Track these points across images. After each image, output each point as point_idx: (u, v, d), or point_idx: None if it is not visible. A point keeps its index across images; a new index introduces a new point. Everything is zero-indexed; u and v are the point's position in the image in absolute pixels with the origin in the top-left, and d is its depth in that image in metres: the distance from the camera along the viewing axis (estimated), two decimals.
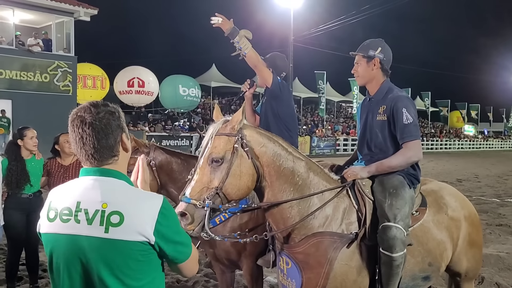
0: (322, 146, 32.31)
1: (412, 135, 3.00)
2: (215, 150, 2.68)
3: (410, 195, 3.02)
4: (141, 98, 26.62)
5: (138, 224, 1.61)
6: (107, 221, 1.60)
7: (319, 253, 2.80)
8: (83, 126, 1.66)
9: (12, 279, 4.95)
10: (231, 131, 2.72)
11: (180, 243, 1.71)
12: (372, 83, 3.22)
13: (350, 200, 2.98)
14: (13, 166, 4.77)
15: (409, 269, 3.01)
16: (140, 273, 1.65)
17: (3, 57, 19.93)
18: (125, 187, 1.70)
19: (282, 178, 2.82)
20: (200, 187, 2.63)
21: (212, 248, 3.77)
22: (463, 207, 3.42)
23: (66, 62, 21.84)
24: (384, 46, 3.19)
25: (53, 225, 1.68)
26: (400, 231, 2.84)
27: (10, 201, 4.83)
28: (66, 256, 1.65)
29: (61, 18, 22.14)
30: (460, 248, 3.33)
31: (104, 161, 1.70)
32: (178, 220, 1.75)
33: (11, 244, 4.93)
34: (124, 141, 1.75)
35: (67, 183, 1.77)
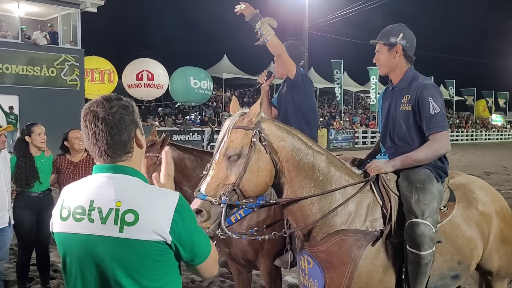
0: (340, 139, 32.10)
1: (440, 126, 2.95)
2: (232, 145, 2.65)
3: (438, 190, 2.97)
4: (151, 91, 26.72)
5: (153, 223, 1.60)
6: (121, 220, 1.60)
7: (343, 252, 2.78)
8: (95, 121, 1.66)
9: (23, 280, 5.03)
10: (249, 124, 2.70)
11: (198, 242, 1.70)
12: (395, 71, 3.16)
13: (374, 195, 2.95)
14: (21, 162, 4.83)
15: (437, 268, 2.98)
16: (157, 274, 1.65)
17: (9, 51, 20.13)
18: (139, 185, 1.70)
19: (302, 173, 2.79)
20: (216, 183, 2.61)
21: (228, 248, 3.78)
22: (494, 201, 3.36)
23: (73, 56, 21.99)
24: (407, 32, 3.13)
25: (66, 224, 1.69)
26: (429, 227, 2.81)
27: (20, 200, 4.90)
28: (79, 256, 1.66)
29: (67, 10, 22.30)
30: (491, 245, 3.28)
31: (117, 158, 1.70)
32: (196, 218, 1.74)
33: (21, 244, 5.00)
34: (138, 137, 1.74)
35: (80, 181, 1.77)
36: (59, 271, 5.66)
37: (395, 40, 3.10)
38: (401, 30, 3.14)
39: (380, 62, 3.19)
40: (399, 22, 3.28)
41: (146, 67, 26.50)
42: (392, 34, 3.12)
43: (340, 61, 34.09)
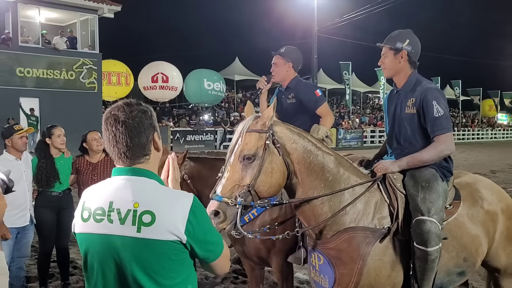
0: (349, 138, 32.00)
1: (444, 128, 2.95)
2: (246, 147, 2.65)
3: (443, 188, 2.98)
4: (165, 93, 26.86)
5: (169, 223, 1.62)
6: (139, 220, 1.62)
7: (352, 249, 2.79)
8: (116, 124, 1.68)
9: (44, 276, 5.06)
10: (262, 128, 2.69)
11: (211, 241, 1.72)
12: (399, 75, 3.17)
13: (381, 194, 2.96)
14: (42, 163, 4.86)
15: (443, 264, 2.98)
16: (173, 272, 1.67)
17: (30, 56, 20.39)
18: (156, 187, 1.71)
19: (313, 174, 2.80)
20: (232, 184, 2.61)
21: (241, 246, 3.78)
22: (500, 200, 3.34)
23: (91, 59, 22.22)
24: (413, 38, 3.13)
25: (87, 225, 1.71)
26: (435, 224, 2.81)
27: (41, 199, 4.93)
28: (100, 255, 1.68)
29: (85, 16, 22.53)
30: (497, 242, 3.26)
31: (136, 160, 1.72)
32: (209, 219, 1.75)
33: (42, 242, 5.03)
34: (155, 140, 1.77)
35: (100, 183, 1.79)
36: (78, 267, 5.70)
37: (401, 45, 3.10)
38: (408, 36, 3.13)
39: (385, 66, 3.20)
40: (405, 25, 3.29)
41: (161, 70, 26.64)
42: (398, 40, 3.12)
43: (348, 63, 33.97)
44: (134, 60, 28.73)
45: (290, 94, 4.18)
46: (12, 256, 4.54)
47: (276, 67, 4.18)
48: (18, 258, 4.68)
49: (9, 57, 19.77)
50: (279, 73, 4.17)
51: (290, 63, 4.18)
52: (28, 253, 4.88)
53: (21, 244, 4.69)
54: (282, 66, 4.16)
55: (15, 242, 4.61)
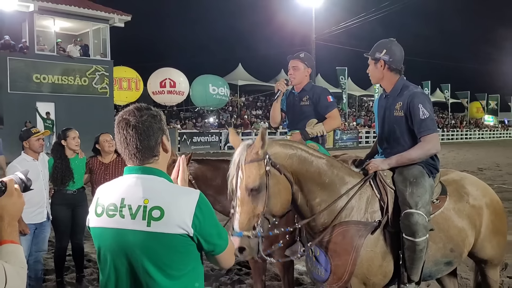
0: (345, 138, 32.04)
1: (430, 129, 2.99)
2: (250, 180, 2.58)
3: (429, 184, 3.02)
4: (173, 97, 26.87)
5: (177, 218, 1.63)
6: (149, 215, 1.63)
7: (346, 241, 2.82)
8: (127, 128, 1.70)
9: (60, 269, 5.08)
10: (258, 156, 2.62)
11: (217, 235, 1.72)
12: (383, 81, 3.22)
13: (372, 190, 2.99)
14: (58, 164, 4.88)
15: (431, 255, 3.01)
16: (181, 263, 1.68)
17: (46, 63, 20.45)
18: (165, 184, 1.73)
19: (310, 180, 2.81)
20: (247, 217, 2.56)
21: None
22: (484, 195, 3.37)
23: (103, 66, 22.26)
24: (391, 47, 3.14)
25: (101, 220, 1.72)
26: (422, 217, 2.85)
27: (57, 197, 4.95)
28: (112, 248, 1.69)
29: (97, 25, 22.58)
30: (483, 235, 3.29)
31: (145, 160, 1.73)
32: (214, 214, 1.75)
33: (58, 237, 5.04)
34: (164, 143, 1.77)
35: (112, 181, 1.81)
36: (92, 261, 5.72)
37: (379, 55, 3.15)
38: (386, 46, 3.16)
39: (370, 74, 3.27)
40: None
41: (169, 76, 26.65)
42: (377, 50, 3.17)
43: (344, 68, 33.97)
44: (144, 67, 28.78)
45: (305, 96, 4.13)
46: (30, 250, 4.55)
47: (296, 71, 4.12)
48: (36, 252, 4.69)
49: (26, 64, 19.82)
50: (298, 76, 4.12)
51: (310, 69, 4.17)
52: (45, 247, 4.89)
53: (38, 239, 4.70)
54: (302, 71, 4.13)
55: (33, 237, 4.62)
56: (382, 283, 2.98)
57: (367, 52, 3.26)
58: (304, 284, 4.95)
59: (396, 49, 3.16)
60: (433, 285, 4.58)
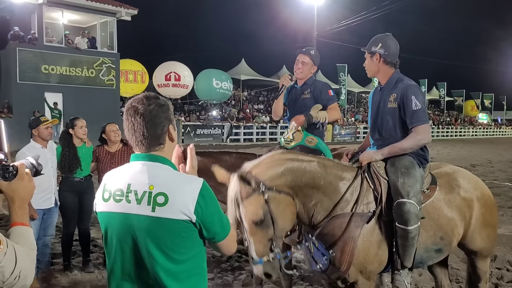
0: (343, 133, 32.06)
1: (421, 120, 3.02)
2: (253, 215, 2.53)
3: (420, 174, 3.04)
4: (177, 90, 26.81)
5: (181, 204, 1.64)
6: (153, 201, 1.65)
7: (344, 232, 2.82)
8: (135, 115, 1.71)
9: (67, 253, 5.12)
10: (253, 190, 2.54)
11: (218, 223, 1.73)
12: (379, 75, 3.24)
13: (366, 181, 2.99)
14: (66, 152, 4.90)
15: (422, 242, 3.03)
16: (184, 248, 1.69)
17: (54, 54, 20.40)
18: (169, 171, 1.74)
19: (305, 186, 2.77)
20: (262, 245, 2.55)
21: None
22: (475, 188, 3.38)
23: (110, 59, 22.19)
24: (386, 41, 3.16)
25: (108, 204, 1.74)
26: (414, 206, 2.87)
27: (64, 184, 4.97)
28: (118, 231, 1.71)
29: (104, 18, 22.47)
30: (473, 227, 3.30)
31: (151, 148, 1.74)
32: (217, 202, 1.76)
33: (65, 222, 5.07)
34: (170, 132, 1.78)
35: (119, 168, 1.82)
36: (98, 246, 5.76)
37: (375, 49, 3.17)
38: (381, 40, 3.18)
39: (366, 67, 3.29)
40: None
41: (174, 69, 26.58)
42: (373, 44, 3.19)
43: (344, 65, 33.88)
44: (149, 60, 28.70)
45: (307, 90, 4.14)
46: (38, 235, 4.58)
47: (304, 66, 4.10)
48: (44, 236, 4.73)
49: (35, 56, 19.77)
50: (305, 72, 4.11)
51: (316, 66, 4.16)
52: (53, 232, 4.93)
53: (46, 224, 4.74)
54: (309, 67, 4.12)
55: (41, 222, 4.66)
56: (378, 271, 3.01)
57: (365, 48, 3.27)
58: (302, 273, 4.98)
59: (391, 43, 3.18)
60: (425, 274, 4.62)
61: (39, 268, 4.59)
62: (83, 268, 5.11)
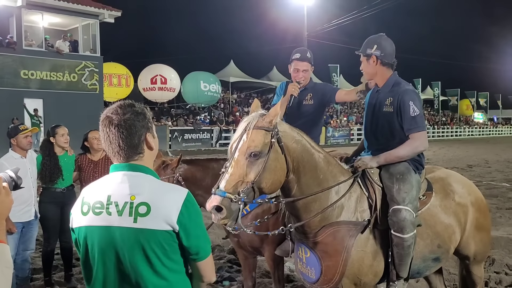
0: (337, 136, 32.15)
1: (419, 127, 3.00)
2: (253, 144, 2.53)
3: (416, 180, 3.03)
4: (164, 94, 26.78)
5: (163, 214, 1.63)
6: (135, 211, 1.64)
7: (337, 242, 2.80)
8: (109, 126, 1.70)
9: (48, 268, 5.04)
10: (269, 125, 2.58)
11: (201, 236, 1.72)
12: (376, 77, 3.22)
13: (361, 188, 2.98)
14: (46, 161, 4.84)
15: (419, 251, 3.02)
16: (169, 261, 1.68)
17: (34, 59, 20.25)
18: (152, 181, 1.73)
19: (308, 173, 2.78)
20: (235, 180, 2.48)
21: (236, 237, 3.80)
22: (470, 193, 3.41)
23: (93, 62, 22.09)
24: (381, 43, 3.14)
25: (87, 218, 1.72)
26: (410, 213, 2.85)
27: (45, 195, 4.91)
28: (100, 246, 1.69)
29: (87, 21, 22.38)
30: (468, 232, 3.32)
31: (129, 158, 1.73)
32: (201, 215, 1.74)
33: (47, 236, 5.01)
34: (148, 140, 1.77)
35: (98, 180, 1.80)
36: None
37: (370, 51, 3.14)
38: (376, 41, 3.15)
39: (363, 71, 3.27)
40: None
41: (160, 72, 26.55)
42: (368, 46, 3.17)
43: (336, 65, 34.08)
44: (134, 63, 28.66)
45: (308, 94, 4.06)
46: (17, 249, 4.51)
47: (306, 73, 4.02)
48: (24, 251, 4.65)
49: (13, 60, 19.61)
50: (307, 78, 4.06)
51: (313, 67, 4.11)
52: (33, 246, 4.85)
53: (26, 237, 4.66)
54: (309, 72, 4.06)
55: (21, 236, 4.58)
56: (373, 283, 2.97)
57: (358, 50, 3.25)
58: (295, 281, 4.97)
59: (386, 44, 3.15)
60: (422, 280, 4.62)
61: (18, 285, 4.51)
62: (65, 283, 5.04)
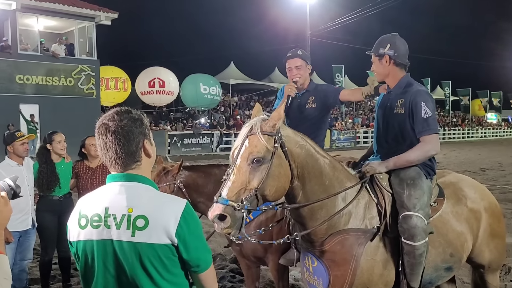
0: (342, 139, 32.01)
1: (431, 129, 2.96)
2: (255, 150, 2.51)
3: (427, 185, 3.00)
4: (162, 97, 26.84)
5: (161, 227, 1.65)
6: (133, 225, 1.65)
7: (345, 250, 2.78)
8: (106, 133, 1.71)
9: (46, 278, 5.07)
10: (272, 130, 2.57)
11: (201, 248, 1.73)
12: (388, 78, 3.20)
13: (369, 194, 2.96)
14: (43, 168, 4.87)
15: (431, 260, 2.99)
16: (169, 274, 1.69)
17: (29, 63, 20.37)
18: (149, 192, 1.74)
19: (314, 179, 2.76)
20: (238, 187, 2.47)
21: (239, 246, 3.80)
22: (482, 198, 3.37)
23: (89, 66, 22.20)
24: (395, 42, 3.13)
25: (85, 232, 1.73)
26: (421, 219, 2.83)
27: (42, 203, 4.93)
28: (99, 259, 1.70)
29: (83, 23, 22.52)
30: (481, 239, 3.29)
31: (127, 167, 1.74)
32: (200, 226, 1.75)
33: (44, 245, 5.03)
34: (146, 147, 1.78)
35: (95, 191, 1.81)
36: None
37: (383, 51, 3.12)
38: (389, 40, 3.14)
39: (375, 71, 3.24)
40: (395, 29, 3.31)
41: (158, 75, 26.63)
42: (381, 46, 3.15)
43: (340, 66, 34.08)
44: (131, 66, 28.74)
45: (310, 97, 4.02)
46: (14, 259, 4.55)
47: (300, 70, 3.98)
48: (21, 261, 4.69)
49: (8, 65, 19.73)
50: (303, 75, 4.01)
51: (310, 65, 4.08)
52: (30, 256, 4.89)
53: (23, 247, 4.70)
54: (305, 69, 4.02)
55: (18, 245, 4.62)
56: None
57: (368, 50, 3.24)
58: None
59: (400, 43, 3.14)
60: None
61: None
62: None
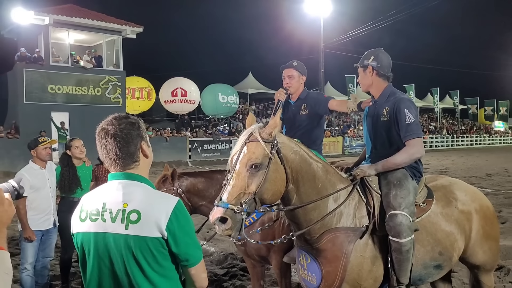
0: (354, 145, 31.93)
1: (414, 133, 3.01)
2: (253, 156, 2.58)
3: (413, 186, 3.03)
4: (184, 106, 27.03)
5: (153, 221, 1.67)
6: (127, 219, 1.69)
7: (336, 248, 2.82)
8: (106, 137, 1.77)
9: (67, 275, 5.13)
10: (268, 137, 2.64)
11: (190, 244, 1.74)
12: (372, 88, 3.26)
13: (359, 195, 3.00)
14: (65, 171, 4.95)
15: (420, 258, 3.01)
16: (160, 267, 1.71)
17: (61, 74, 20.76)
18: (145, 189, 1.77)
19: (307, 183, 2.81)
20: (238, 192, 2.52)
21: (243, 246, 3.81)
22: (473, 200, 3.36)
23: (116, 76, 22.51)
24: (378, 55, 3.21)
25: (84, 224, 1.78)
26: (406, 217, 2.85)
27: (64, 204, 4.99)
28: (95, 250, 1.74)
29: (110, 37, 22.87)
30: (474, 240, 3.27)
31: (126, 166, 1.79)
32: (191, 223, 1.77)
33: (64, 244, 5.09)
34: (143, 148, 1.83)
35: (96, 188, 1.87)
36: None
37: (367, 62, 3.21)
38: (373, 53, 3.23)
39: (360, 82, 3.32)
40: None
41: (180, 85, 26.83)
42: (365, 58, 3.24)
43: (353, 76, 33.85)
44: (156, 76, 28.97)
45: (303, 105, 4.08)
46: (37, 257, 4.61)
47: (291, 79, 4.06)
48: (43, 258, 4.75)
49: (41, 76, 20.15)
50: (294, 85, 4.08)
51: (304, 76, 4.14)
52: (52, 253, 4.94)
53: (45, 245, 4.76)
54: (297, 79, 4.08)
55: (40, 243, 4.68)
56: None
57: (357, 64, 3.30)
58: None
59: (383, 56, 3.22)
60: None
61: None
62: None
